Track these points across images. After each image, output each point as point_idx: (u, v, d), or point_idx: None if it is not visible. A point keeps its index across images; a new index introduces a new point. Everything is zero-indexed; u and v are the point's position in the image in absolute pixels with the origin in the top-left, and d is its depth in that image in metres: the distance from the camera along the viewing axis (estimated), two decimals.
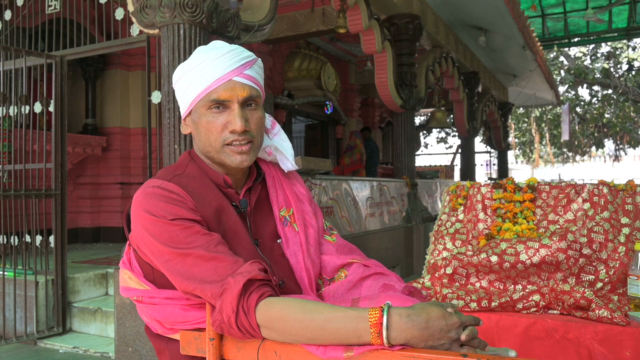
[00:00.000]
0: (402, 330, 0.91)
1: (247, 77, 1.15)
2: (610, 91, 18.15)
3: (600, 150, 21.72)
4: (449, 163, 12.61)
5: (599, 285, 1.85)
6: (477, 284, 1.97)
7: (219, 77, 1.12)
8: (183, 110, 1.21)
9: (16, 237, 3.98)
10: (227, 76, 1.13)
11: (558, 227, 1.99)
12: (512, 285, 1.92)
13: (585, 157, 22.73)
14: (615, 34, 11.33)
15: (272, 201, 1.25)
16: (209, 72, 1.12)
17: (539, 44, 9.37)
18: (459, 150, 10.36)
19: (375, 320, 0.91)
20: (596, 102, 19.17)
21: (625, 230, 1.93)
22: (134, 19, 3.19)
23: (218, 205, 1.14)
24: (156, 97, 3.30)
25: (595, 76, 17.67)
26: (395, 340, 0.91)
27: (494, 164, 14.77)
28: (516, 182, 2.20)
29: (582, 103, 19.46)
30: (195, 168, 1.20)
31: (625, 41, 16.66)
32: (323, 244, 1.29)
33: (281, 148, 1.29)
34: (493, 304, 1.85)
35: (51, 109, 3.98)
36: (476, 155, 10.61)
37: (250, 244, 1.15)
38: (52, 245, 3.97)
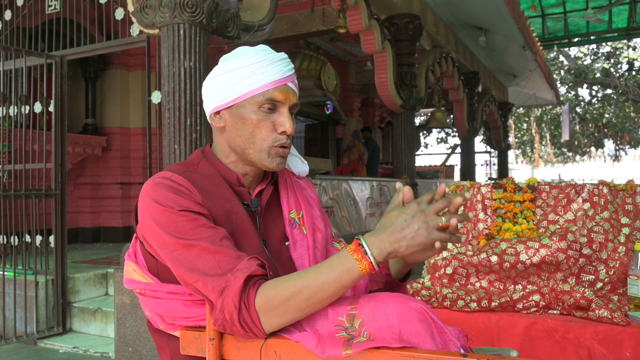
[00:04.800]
0: (378, 244, 0.97)
1: (296, 85, 1.22)
2: (610, 91, 18.15)
3: (600, 150, 21.71)
4: (446, 163, 12.59)
5: (599, 285, 1.85)
6: (477, 284, 1.97)
7: (279, 78, 1.16)
8: (220, 102, 1.18)
9: (16, 237, 3.98)
10: (285, 80, 1.17)
11: (558, 227, 1.99)
12: (512, 285, 1.92)
13: (585, 157, 22.72)
14: (615, 34, 11.33)
15: (283, 202, 1.26)
16: (269, 71, 1.15)
17: (539, 44, 9.36)
18: (456, 150, 10.34)
19: (353, 248, 0.99)
20: (596, 102, 19.17)
21: (625, 230, 1.93)
22: (134, 19, 3.19)
23: (228, 204, 1.15)
24: (156, 97, 3.30)
25: (595, 76, 17.67)
26: (380, 256, 0.97)
27: (494, 164, 14.76)
28: (516, 182, 2.20)
29: (582, 103, 19.46)
30: (208, 166, 1.20)
31: (625, 41, 16.66)
32: (332, 252, 1.30)
33: (294, 152, 1.33)
34: (493, 304, 1.85)
35: (51, 109, 3.98)
36: (476, 155, 10.60)
37: (258, 244, 1.16)
38: (52, 245, 3.97)
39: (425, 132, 19.32)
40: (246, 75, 1.15)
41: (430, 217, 0.96)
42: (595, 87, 18.71)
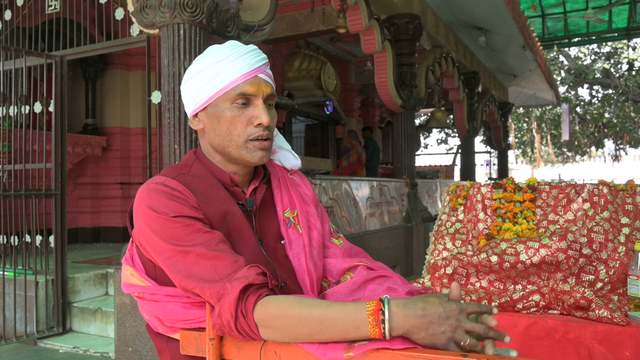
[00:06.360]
0: (400, 319, 0.91)
1: (269, 75, 1.19)
2: (610, 91, 18.15)
3: (600, 150, 21.72)
4: (449, 163, 12.60)
5: (599, 285, 1.85)
6: (477, 284, 1.97)
7: (246, 72, 1.14)
8: (195, 105, 1.18)
9: (16, 237, 3.98)
10: (254, 72, 1.15)
11: (558, 227, 1.99)
12: (512, 285, 1.92)
13: (585, 157, 22.73)
14: (615, 34, 11.33)
15: (277, 201, 1.25)
16: (236, 66, 1.14)
17: (539, 44, 9.37)
18: (459, 151, 10.36)
19: (373, 309, 0.92)
20: (596, 102, 19.18)
21: (625, 230, 1.93)
22: (134, 19, 3.19)
23: (223, 205, 1.14)
24: (156, 97, 3.30)
25: (595, 76, 17.67)
26: (394, 330, 0.91)
27: (494, 164, 14.78)
28: (516, 182, 2.20)
29: (582, 103, 19.47)
30: (200, 167, 1.19)
31: (625, 41, 16.66)
32: (330, 247, 1.28)
33: (285, 146, 1.32)
34: (493, 304, 1.85)
35: (51, 109, 3.98)
36: (476, 155, 10.60)
37: (254, 243, 1.15)
38: (52, 245, 3.97)
39: (425, 132, 19.32)
40: (215, 74, 1.14)
41: (460, 332, 0.92)
42: (595, 87, 18.72)
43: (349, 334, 0.93)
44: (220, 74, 1.14)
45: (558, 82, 17.45)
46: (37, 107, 3.97)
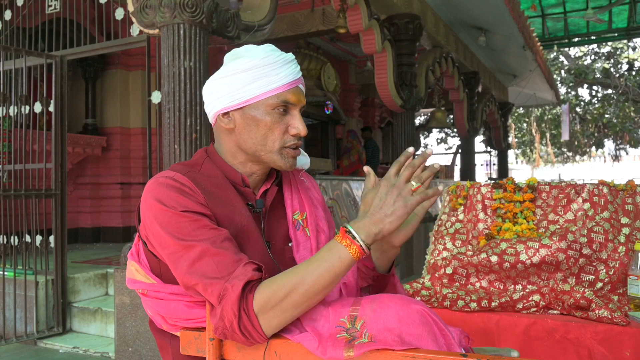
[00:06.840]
0: (364, 228, 1.00)
1: (304, 86, 1.22)
2: (610, 91, 18.15)
3: (600, 150, 21.71)
4: (449, 163, 12.60)
5: (599, 285, 1.85)
6: (477, 284, 1.97)
7: (291, 80, 1.16)
8: (230, 103, 1.15)
9: (16, 237, 3.98)
10: (296, 82, 1.17)
11: (558, 227, 1.99)
12: (512, 285, 1.92)
13: (585, 157, 22.72)
14: (615, 34, 11.32)
15: (287, 203, 1.25)
16: (281, 73, 1.14)
17: (539, 44, 9.36)
18: (459, 151, 10.35)
19: (341, 235, 1.01)
20: (596, 102, 19.17)
21: (625, 230, 1.93)
22: (134, 19, 3.19)
23: (231, 205, 1.14)
24: (156, 97, 3.30)
25: (595, 76, 17.67)
26: (368, 239, 0.99)
27: (494, 164, 14.76)
28: (516, 182, 2.20)
29: (582, 103, 19.46)
30: (211, 167, 1.19)
31: (625, 41, 16.66)
32: None
33: None
34: (493, 304, 1.85)
35: (51, 109, 3.98)
36: (476, 155, 10.59)
37: (262, 245, 1.15)
38: (52, 245, 3.97)
39: (425, 132, 19.32)
40: (260, 76, 1.13)
41: (402, 187, 1.01)
42: (595, 87, 18.71)
43: (336, 268, 0.99)
44: (264, 77, 1.13)
45: (558, 82, 17.45)
46: (37, 107, 3.97)
